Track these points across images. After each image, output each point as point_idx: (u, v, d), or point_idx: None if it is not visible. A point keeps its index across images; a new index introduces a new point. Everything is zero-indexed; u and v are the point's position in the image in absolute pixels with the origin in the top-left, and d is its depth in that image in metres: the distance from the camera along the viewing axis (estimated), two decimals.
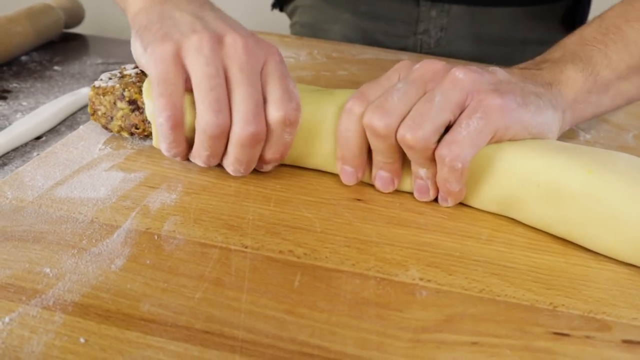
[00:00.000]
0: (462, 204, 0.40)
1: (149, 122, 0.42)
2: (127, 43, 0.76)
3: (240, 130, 0.36)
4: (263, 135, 0.37)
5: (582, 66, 0.44)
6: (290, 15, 0.91)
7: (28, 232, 0.33)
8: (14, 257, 0.31)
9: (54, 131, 0.51)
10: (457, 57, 0.75)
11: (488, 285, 0.33)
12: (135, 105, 0.42)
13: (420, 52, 0.80)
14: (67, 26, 0.77)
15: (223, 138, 0.37)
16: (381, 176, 0.40)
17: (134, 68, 0.45)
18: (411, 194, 0.41)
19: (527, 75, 0.42)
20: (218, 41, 0.37)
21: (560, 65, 0.44)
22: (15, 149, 0.47)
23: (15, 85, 0.60)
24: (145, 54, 0.38)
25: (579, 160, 0.36)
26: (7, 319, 0.27)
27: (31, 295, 0.29)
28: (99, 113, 0.43)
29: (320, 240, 0.35)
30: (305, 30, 0.85)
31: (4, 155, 0.46)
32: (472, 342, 0.29)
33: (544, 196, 0.36)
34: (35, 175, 0.39)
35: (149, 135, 0.43)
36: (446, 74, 0.38)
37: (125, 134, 0.43)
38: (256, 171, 0.41)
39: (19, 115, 0.53)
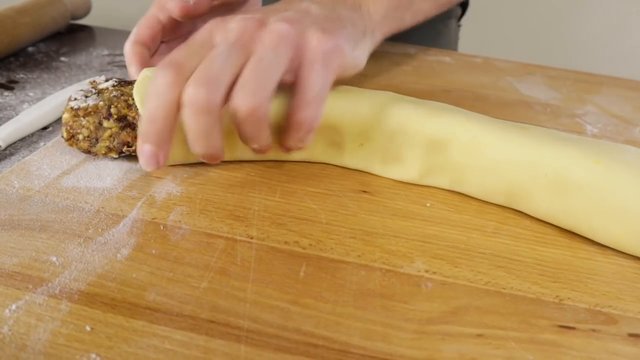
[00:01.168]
0: (468, 196, 0.40)
1: None
2: None
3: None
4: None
5: None
6: None
7: (35, 220, 0.33)
8: (20, 246, 0.31)
9: (60, 122, 0.51)
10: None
11: (494, 277, 0.33)
12: (126, 122, 0.38)
13: None
14: (74, 17, 0.77)
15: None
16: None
17: (107, 81, 0.41)
18: (418, 186, 0.41)
19: None
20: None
21: None
22: (22, 139, 0.47)
23: (22, 75, 0.60)
24: None
25: (586, 151, 0.36)
26: (13, 307, 0.27)
27: (38, 283, 0.29)
28: (80, 137, 0.39)
29: (326, 231, 0.35)
30: None
31: (10, 145, 0.46)
32: (477, 334, 0.29)
33: (551, 187, 0.36)
34: (42, 164, 0.39)
35: None
36: (265, 29, 0.35)
37: (112, 155, 0.40)
38: (261, 162, 0.41)
39: (25, 105, 0.53)
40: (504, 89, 0.62)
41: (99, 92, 0.39)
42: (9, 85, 0.57)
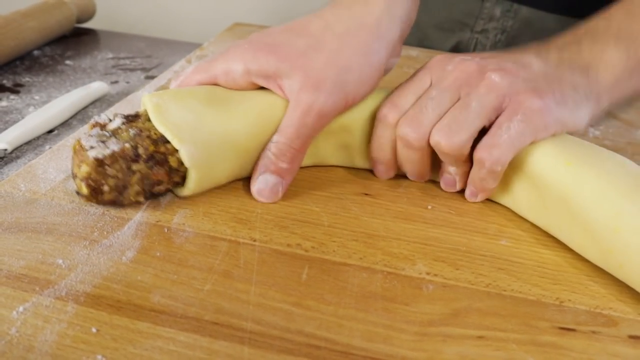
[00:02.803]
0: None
1: (176, 170, 0.35)
2: (137, 38, 0.77)
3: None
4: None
5: (627, 44, 0.41)
6: None
7: (41, 223, 0.34)
8: (27, 248, 0.32)
9: (66, 125, 0.52)
10: None
11: (495, 279, 0.33)
12: (154, 160, 0.35)
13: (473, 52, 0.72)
14: (79, 21, 0.77)
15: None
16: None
17: (112, 120, 0.36)
18: (420, 189, 0.41)
19: (565, 58, 0.40)
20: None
21: (602, 41, 0.41)
22: (28, 142, 0.48)
23: (27, 79, 0.61)
24: None
25: (563, 151, 0.36)
26: (21, 309, 0.28)
27: (44, 285, 0.29)
28: (105, 189, 0.34)
29: (328, 234, 0.35)
30: None
31: (17, 148, 0.47)
32: (478, 336, 0.29)
33: (529, 184, 0.37)
34: (48, 167, 0.40)
35: (173, 186, 0.37)
36: (481, 77, 0.37)
37: (140, 200, 0.36)
38: None
39: (31, 109, 0.54)
40: None
41: (114, 134, 0.35)
42: (15, 89, 0.58)
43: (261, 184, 0.38)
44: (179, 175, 0.36)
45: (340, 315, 0.29)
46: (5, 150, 0.45)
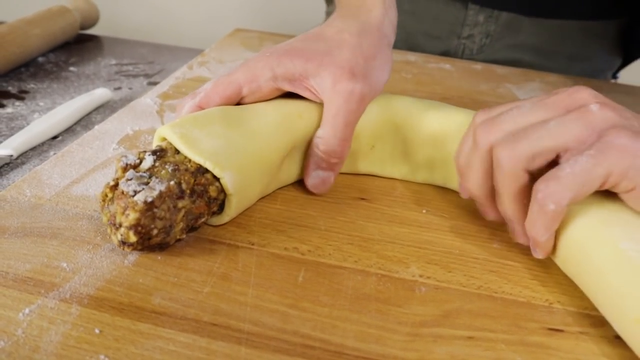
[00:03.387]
0: (463, 201, 0.41)
1: (215, 199, 0.35)
2: (139, 44, 0.78)
3: None
4: None
5: None
6: (327, 2, 0.87)
7: (46, 228, 0.35)
8: (32, 252, 0.33)
9: (70, 131, 0.53)
10: (496, 64, 0.74)
11: (486, 282, 0.34)
12: (196, 193, 0.33)
13: (462, 57, 0.77)
14: (82, 27, 0.79)
15: None
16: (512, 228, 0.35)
17: (143, 159, 0.34)
18: (413, 193, 0.42)
19: None
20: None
21: None
22: (33, 148, 0.49)
23: (32, 85, 0.62)
24: None
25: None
26: (27, 311, 0.29)
27: (49, 288, 0.30)
28: (154, 233, 0.32)
29: (324, 237, 0.36)
30: None
31: (22, 154, 0.48)
32: (468, 336, 0.30)
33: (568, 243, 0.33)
34: (52, 173, 0.41)
35: (210, 216, 0.36)
36: (583, 103, 0.32)
37: (183, 236, 0.34)
38: None
39: (36, 115, 0.55)
40: (502, 96, 0.63)
41: (153, 174, 0.33)
42: (20, 95, 0.59)
43: (315, 180, 0.40)
44: (217, 204, 0.35)
45: (334, 317, 0.30)
46: (11, 156, 0.46)
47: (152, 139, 0.42)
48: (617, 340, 0.31)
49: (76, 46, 0.76)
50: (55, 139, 0.51)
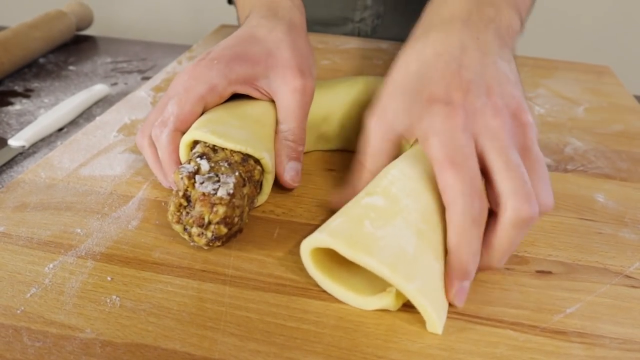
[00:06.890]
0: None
1: (258, 181, 0.39)
2: (132, 42, 0.84)
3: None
4: None
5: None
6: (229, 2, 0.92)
7: (61, 202, 0.41)
8: (51, 222, 0.39)
9: (74, 123, 0.59)
10: (394, 40, 0.80)
11: None
12: (249, 179, 0.38)
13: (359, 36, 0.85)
14: (78, 29, 0.84)
15: None
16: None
17: (198, 163, 0.36)
18: None
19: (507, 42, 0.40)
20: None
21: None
22: (42, 139, 0.55)
23: (36, 84, 0.68)
24: None
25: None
26: (51, 265, 0.35)
27: (68, 248, 0.37)
28: (236, 220, 0.36)
29: (297, 202, 0.43)
30: None
31: (33, 144, 0.54)
32: None
33: None
34: (62, 159, 0.47)
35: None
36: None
37: (247, 221, 0.39)
38: None
39: (42, 110, 0.61)
40: None
41: (216, 169, 0.36)
42: (26, 94, 0.65)
43: (292, 171, 0.43)
44: (259, 185, 0.40)
45: (301, 262, 0.37)
46: (24, 146, 0.53)
47: None
48: (537, 274, 0.37)
49: (74, 47, 0.81)
50: (61, 131, 0.57)
